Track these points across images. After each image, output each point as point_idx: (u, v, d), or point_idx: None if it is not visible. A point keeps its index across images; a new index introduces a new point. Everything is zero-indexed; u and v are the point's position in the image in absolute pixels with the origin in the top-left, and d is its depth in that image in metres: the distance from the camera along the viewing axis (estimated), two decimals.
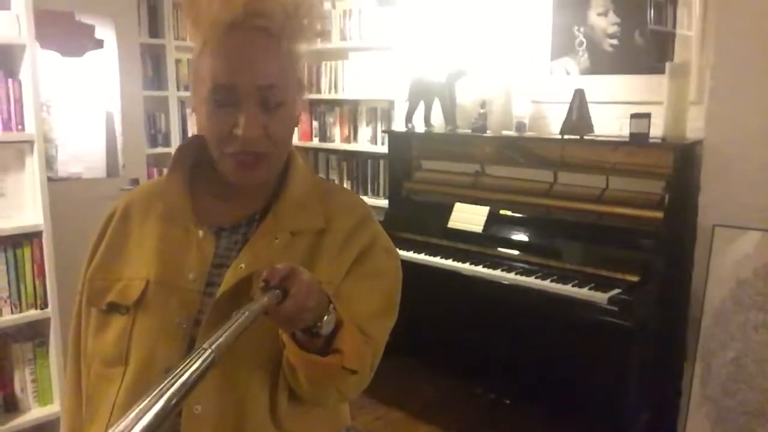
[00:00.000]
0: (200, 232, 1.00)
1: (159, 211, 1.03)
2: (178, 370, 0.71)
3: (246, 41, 0.92)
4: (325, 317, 0.86)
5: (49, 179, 2.35)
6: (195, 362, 0.72)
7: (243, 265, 0.96)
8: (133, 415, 0.67)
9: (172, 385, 0.70)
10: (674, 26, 2.71)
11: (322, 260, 0.99)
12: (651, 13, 2.77)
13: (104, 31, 3.66)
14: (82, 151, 3.67)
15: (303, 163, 1.08)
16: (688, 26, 2.65)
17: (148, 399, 0.68)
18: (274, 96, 0.93)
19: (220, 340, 0.74)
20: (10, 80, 2.19)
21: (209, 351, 0.73)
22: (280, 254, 0.97)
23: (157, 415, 0.67)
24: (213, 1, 0.91)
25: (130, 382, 0.96)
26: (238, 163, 0.95)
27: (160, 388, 0.69)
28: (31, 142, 2.21)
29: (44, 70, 3.07)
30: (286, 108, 0.96)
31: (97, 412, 0.99)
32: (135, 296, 0.98)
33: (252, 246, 0.99)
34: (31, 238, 2.24)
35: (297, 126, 1.03)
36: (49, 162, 3.35)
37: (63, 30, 3.52)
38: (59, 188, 3.15)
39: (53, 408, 2.33)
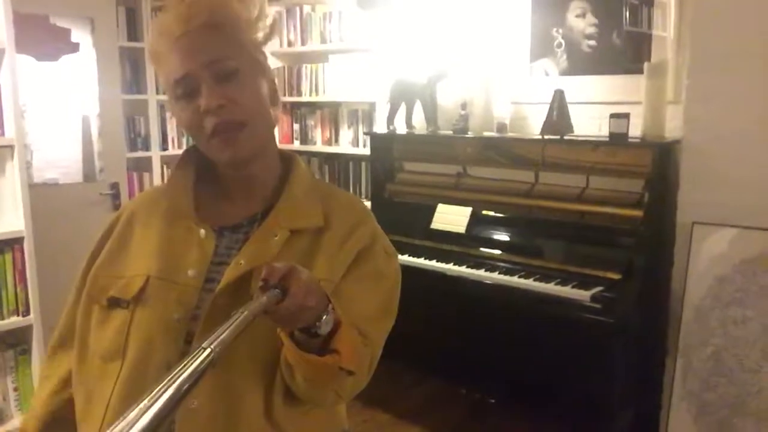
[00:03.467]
0: (201, 231, 1.02)
1: (162, 210, 1.05)
2: (178, 369, 0.71)
3: (190, 39, 0.98)
4: (324, 317, 0.86)
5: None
6: (194, 362, 0.72)
7: (243, 262, 0.97)
8: (132, 415, 0.66)
9: (172, 384, 0.70)
10: (650, 27, 2.76)
11: (320, 258, 1.00)
12: (626, 15, 2.82)
13: (81, 35, 3.62)
14: (58, 157, 3.62)
15: (305, 166, 1.11)
16: (664, 27, 2.70)
17: (148, 399, 0.68)
18: (223, 67, 0.97)
19: (220, 339, 0.74)
20: None
21: (209, 350, 0.73)
22: (279, 251, 0.99)
23: (156, 415, 0.67)
24: (158, 31, 0.99)
25: (126, 376, 0.97)
26: (222, 141, 0.98)
27: (159, 388, 0.69)
28: (11, 147, 2.18)
29: (19, 74, 3.02)
30: (241, 75, 0.99)
31: (93, 408, 1.00)
32: (135, 291, 0.99)
33: (252, 243, 1.00)
34: (12, 244, 2.21)
35: (276, 105, 1.05)
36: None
37: (38, 34, 3.47)
38: (36, 194, 3.10)
39: None
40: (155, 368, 0.94)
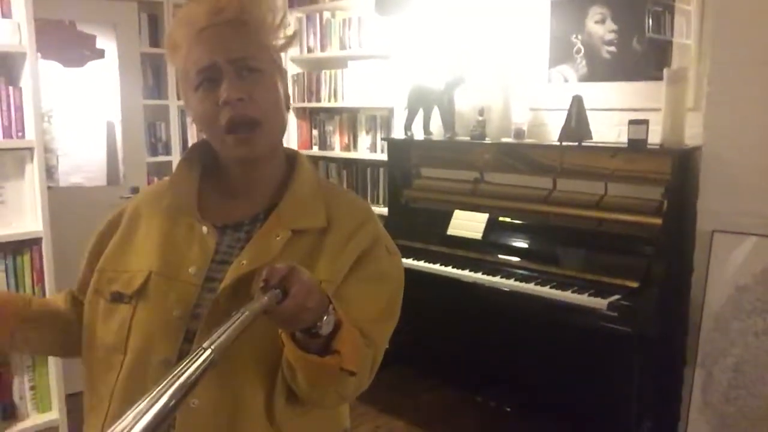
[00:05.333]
0: (204, 228, 1.03)
1: (165, 205, 1.06)
2: (178, 370, 0.71)
3: (217, 31, 0.99)
4: (325, 317, 0.86)
5: (50, 188, 2.35)
6: (195, 362, 0.73)
7: (245, 262, 0.98)
8: (132, 415, 0.67)
9: (172, 385, 0.70)
10: (672, 35, 2.73)
11: (322, 259, 1.00)
12: (649, 22, 2.79)
13: (105, 41, 3.68)
14: (83, 161, 3.69)
15: (309, 166, 1.11)
16: (687, 35, 2.67)
17: (148, 399, 0.69)
18: (248, 65, 0.98)
19: (220, 339, 0.75)
20: (10, 88, 2.19)
21: (209, 351, 0.74)
22: (281, 251, 0.99)
23: (156, 416, 0.68)
24: (183, 20, 1.01)
25: (127, 371, 0.98)
26: (236, 140, 0.99)
27: (160, 387, 0.69)
28: (31, 149, 2.21)
29: (46, 80, 3.07)
30: (263, 75, 1.00)
31: (99, 399, 1.02)
32: (136, 286, 1.00)
33: (254, 243, 1.01)
34: (30, 245, 2.24)
35: (288, 108, 1.06)
36: (50, 172, 3.37)
37: (65, 40, 3.53)
38: (60, 196, 3.16)
39: (52, 415, 2.32)
40: (155, 364, 0.96)
